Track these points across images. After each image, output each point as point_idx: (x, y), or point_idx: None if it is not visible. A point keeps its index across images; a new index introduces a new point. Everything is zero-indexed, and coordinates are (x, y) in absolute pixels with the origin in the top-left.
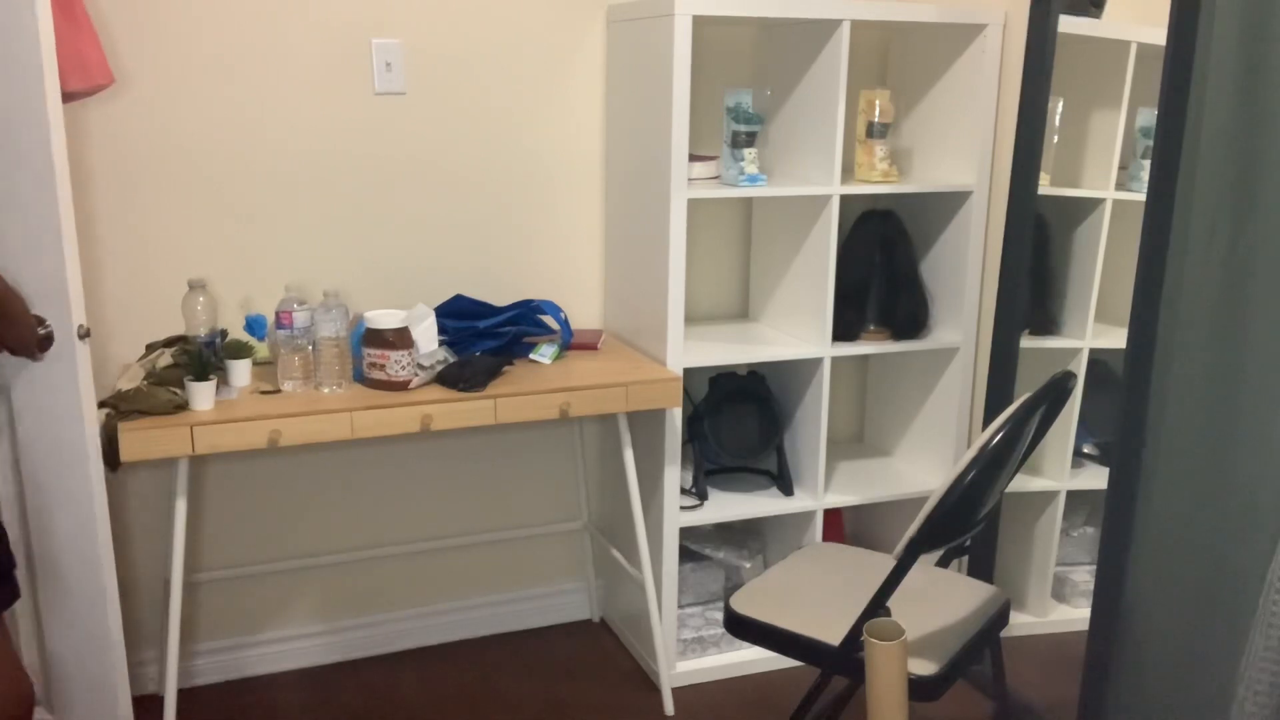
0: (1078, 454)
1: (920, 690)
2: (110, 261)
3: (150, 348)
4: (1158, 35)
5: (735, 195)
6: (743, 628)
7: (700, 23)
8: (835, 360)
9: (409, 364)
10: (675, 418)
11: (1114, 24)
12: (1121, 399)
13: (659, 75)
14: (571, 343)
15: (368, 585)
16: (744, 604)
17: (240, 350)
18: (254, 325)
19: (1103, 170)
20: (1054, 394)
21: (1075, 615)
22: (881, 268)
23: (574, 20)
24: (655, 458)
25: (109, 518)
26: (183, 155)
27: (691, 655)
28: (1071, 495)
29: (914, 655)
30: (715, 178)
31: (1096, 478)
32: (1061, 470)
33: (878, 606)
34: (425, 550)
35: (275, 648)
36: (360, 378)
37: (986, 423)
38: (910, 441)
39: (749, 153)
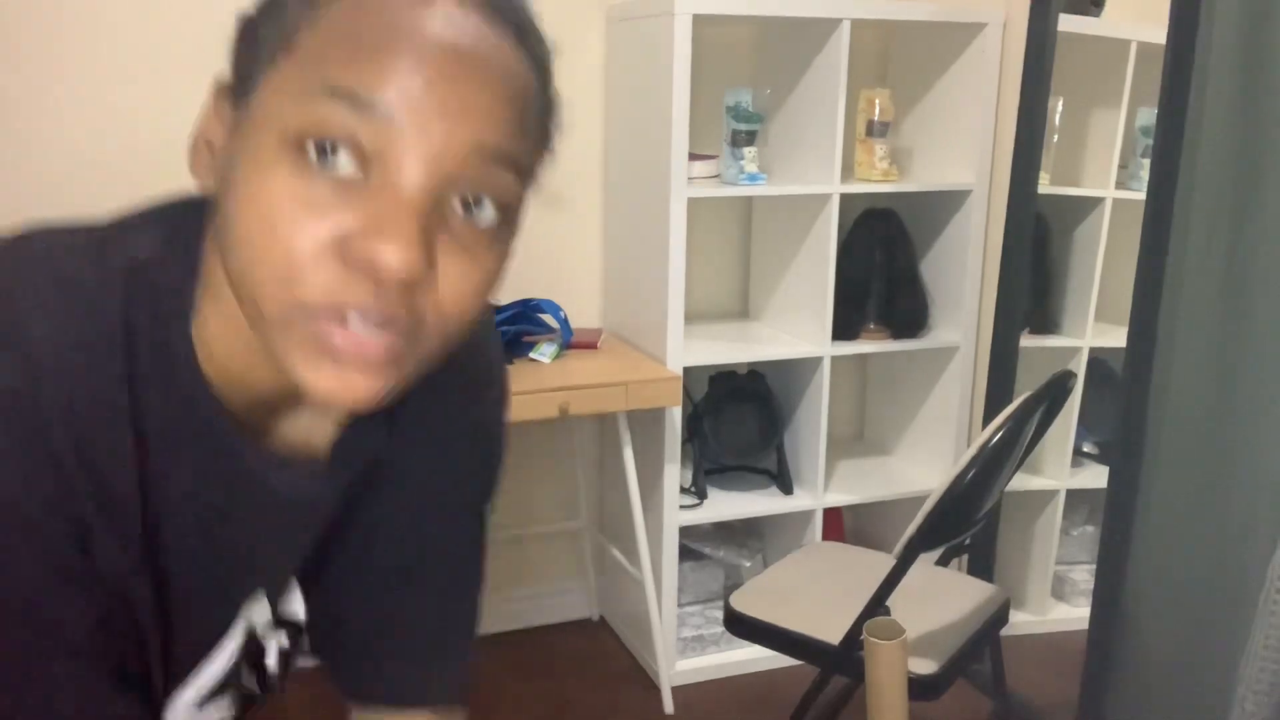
0: (1077, 453)
1: (920, 689)
2: None
3: None
4: (1158, 34)
5: (735, 194)
6: (742, 626)
7: (700, 21)
8: (835, 359)
9: None
10: (675, 417)
11: (1114, 23)
12: (1122, 398)
13: (659, 74)
14: (571, 341)
15: None
16: (744, 603)
17: None
18: None
19: (1103, 169)
20: (1054, 393)
21: (1075, 614)
22: (881, 267)
23: (573, 19)
24: (655, 457)
25: None
26: (182, 150)
27: (691, 654)
28: (1071, 494)
29: (914, 654)
30: (715, 177)
31: (1096, 477)
32: (1061, 469)
33: (877, 605)
34: None
35: None
36: None
37: (986, 421)
38: (910, 440)
39: (749, 151)
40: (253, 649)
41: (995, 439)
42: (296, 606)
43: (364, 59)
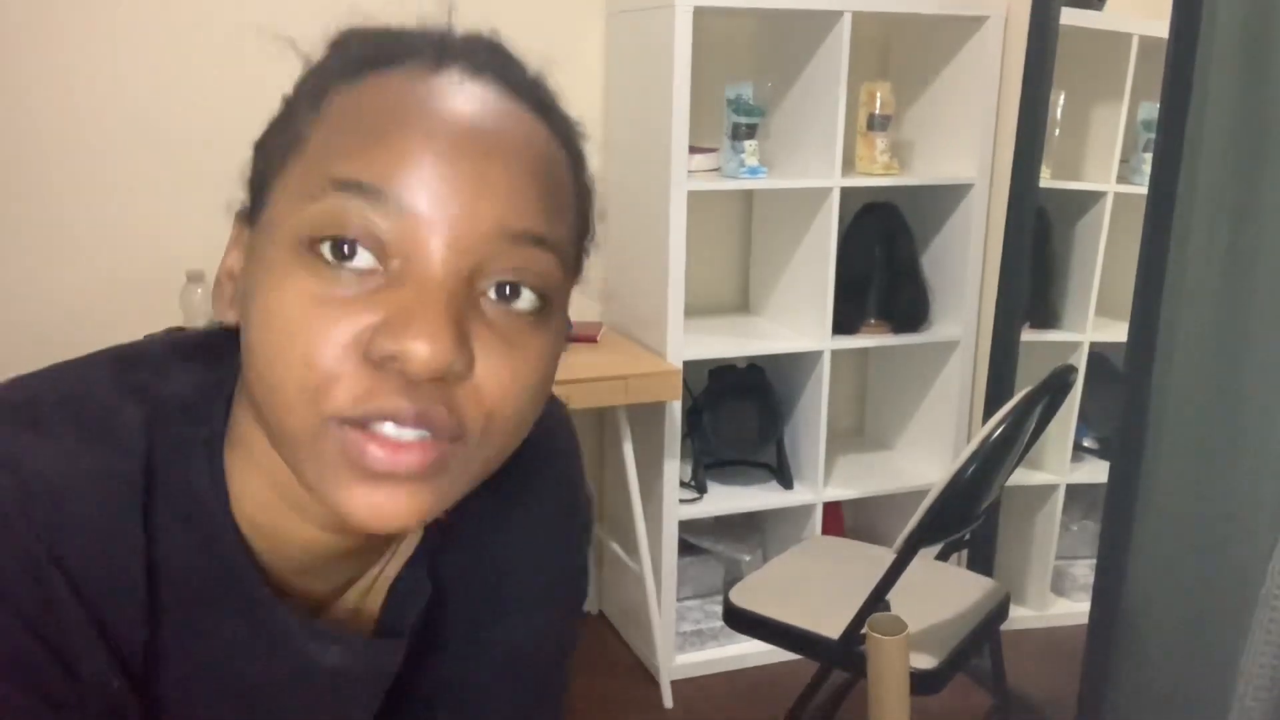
0: (1078, 448)
1: (921, 684)
2: (108, 251)
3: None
4: (1160, 28)
5: (736, 188)
6: (742, 621)
7: (701, 14)
8: (835, 353)
9: None
10: (675, 411)
11: (1116, 16)
12: (1123, 392)
13: (660, 67)
14: (570, 335)
15: None
16: (743, 597)
17: None
18: None
19: (1104, 163)
20: (1054, 388)
21: (1075, 609)
22: (882, 261)
23: (573, 12)
24: (654, 451)
25: None
26: (182, 144)
27: (690, 648)
28: (1071, 489)
29: (914, 649)
30: (715, 170)
31: (1096, 472)
32: (1062, 464)
33: (878, 600)
34: None
35: None
36: None
37: (987, 416)
38: (910, 435)
39: (749, 145)
40: None
41: (996, 434)
42: None
43: (370, 145)
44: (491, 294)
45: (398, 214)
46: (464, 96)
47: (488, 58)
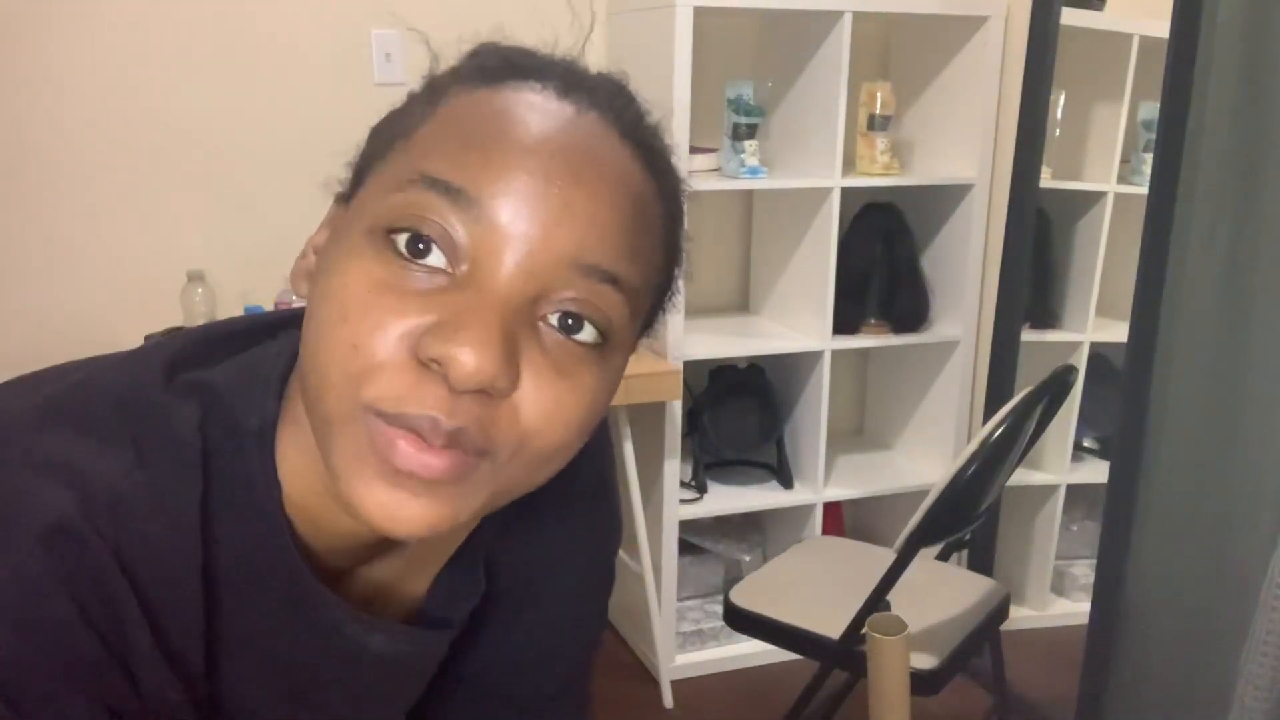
0: (1078, 448)
1: (920, 684)
2: (108, 252)
3: (148, 340)
4: (1160, 28)
5: (736, 188)
6: (742, 621)
7: (701, 14)
8: (835, 353)
9: None
10: (675, 411)
11: (1116, 16)
12: (1123, 393)
13: (660, 67)
14: None
15: None
16: (743, 597)
17: None
18: None
19: (1104, 163)
20: (1055, 388)
21: (1075, 609)
22: (882, 261)
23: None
24: (655, 451)
25: None
26: (181, 144)
27: (690, 648)
28: (1071, 489)
29: (914, 649)
30: (716, 170)
31: (1096, 472)
32: (1062, 464)
33: (878, 600)
34: None
35: None
36: None
37: (987, 416)
38: (910, 435)
39: (750, 145)
40: None
41: (996, 434)
42: None
43: (466, 152)
44: (553, 321)
45: (476, 221)
46: (571, 124)
47: (608, 95)
